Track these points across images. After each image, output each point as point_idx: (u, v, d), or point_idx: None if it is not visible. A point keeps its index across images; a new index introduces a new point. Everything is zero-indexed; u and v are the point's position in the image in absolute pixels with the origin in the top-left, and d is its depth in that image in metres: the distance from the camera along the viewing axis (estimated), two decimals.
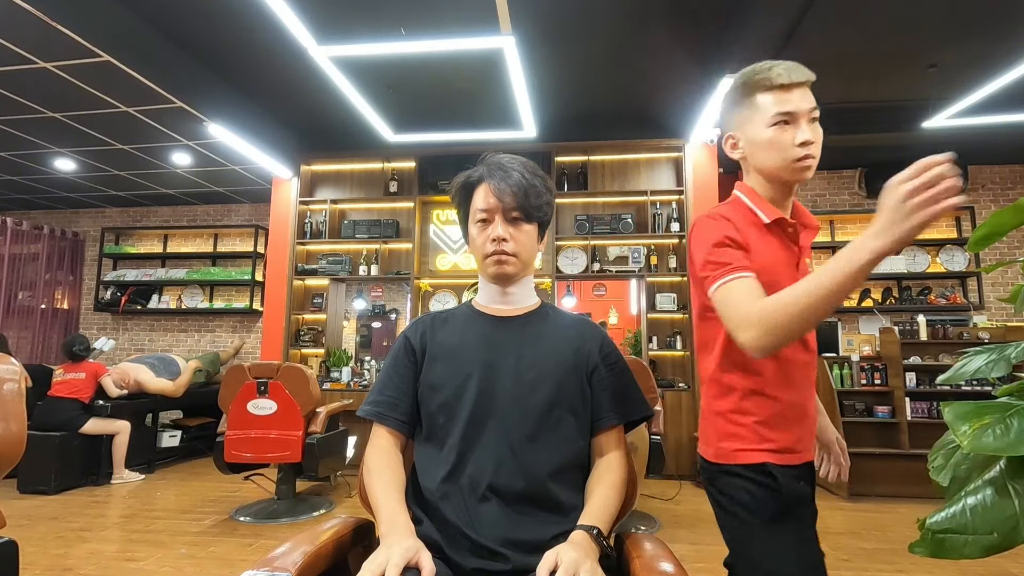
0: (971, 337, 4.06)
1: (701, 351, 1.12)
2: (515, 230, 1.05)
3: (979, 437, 0.75)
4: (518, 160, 1.08)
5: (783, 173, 1.03)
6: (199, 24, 3.28)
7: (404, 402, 1.06)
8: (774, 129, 1.02)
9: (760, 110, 1.03)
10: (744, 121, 1.06)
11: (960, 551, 0.74)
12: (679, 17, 3.20)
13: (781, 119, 1.01)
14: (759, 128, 1.04)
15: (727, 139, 1.11)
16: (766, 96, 1.03)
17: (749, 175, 1.11)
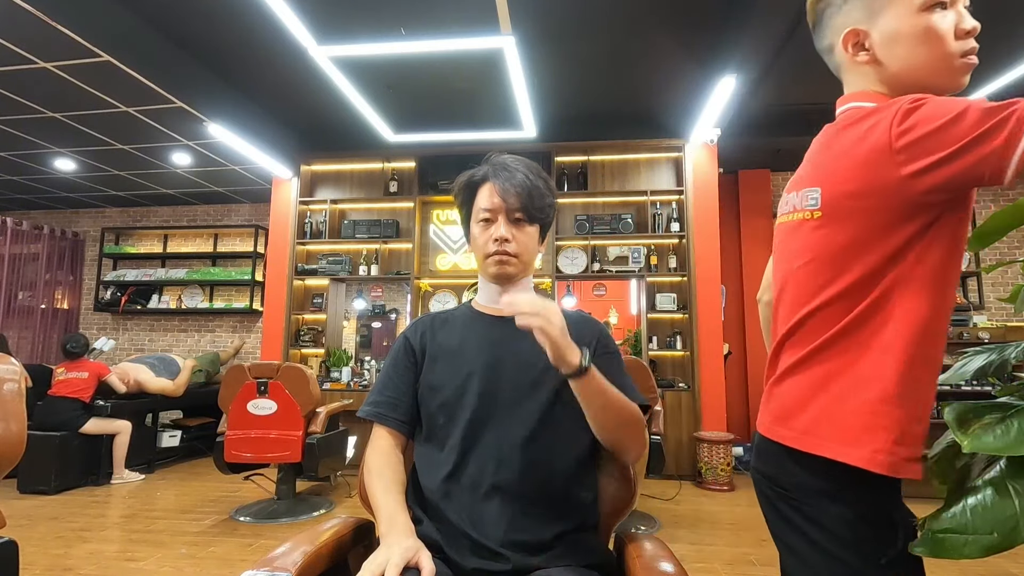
0: (971, 337, 4.06)
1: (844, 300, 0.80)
2: (517, 231, 1.05)
3: (979, 437, 0.75)
4: (522, 161, 1.08)
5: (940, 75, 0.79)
6: (199, 24, 3.28)
7: (404, 402, 1.07)
8: (926, 14, 0.78)
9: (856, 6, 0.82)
10: (878, 7, 0.81)
11: (960, 551, 0.74)
12: (679, 17, 3.20)
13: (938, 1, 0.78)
14: (904, 14, 0.79)
15: (846, 37, 0.84)
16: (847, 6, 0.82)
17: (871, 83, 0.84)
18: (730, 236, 5.26)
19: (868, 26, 0.82)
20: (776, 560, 0.89)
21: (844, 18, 0.84)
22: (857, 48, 0.83)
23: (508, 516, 0.93)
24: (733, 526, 3.18)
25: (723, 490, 3.92)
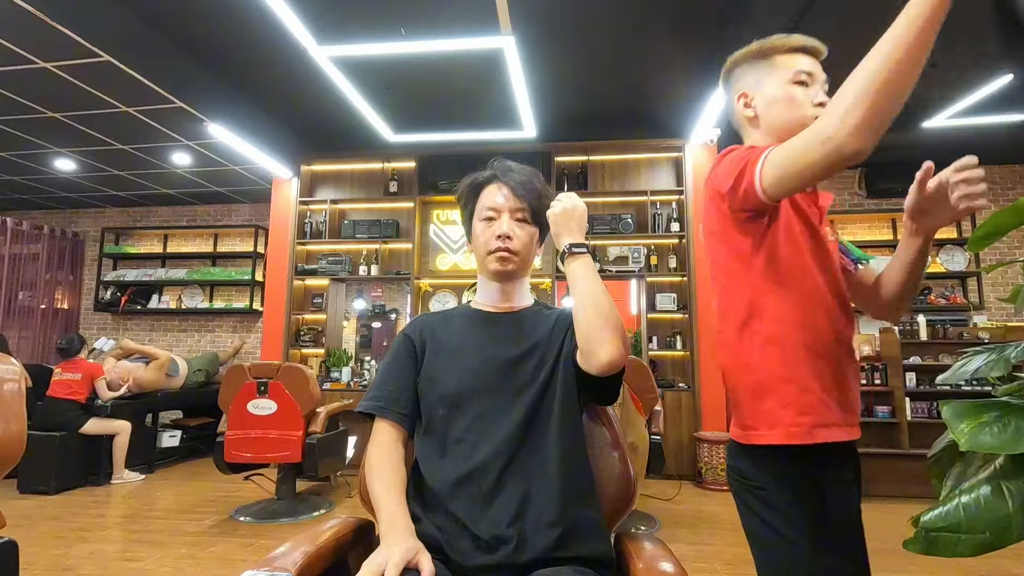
0: (971, 337, 4.06)
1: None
2: (519, 229, 1.10)
3: (977, 435, 0.75)
4: (526, 168, 1.15)
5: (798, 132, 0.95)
6: (199, 24, 3.28)
7: (404, 396, 1.07)
8: (793, 87, 1.02)
9: (780, 68, 1.04)
10: (762, 78, 1.06)
11: (953, 549, 0.74)
12: (679, 17, 3.20)
13: (802, 78, 1.02)
14: (777, 85, 1.04)
15: (740, 97, 1.09)
16: (786, 57, 1.04)
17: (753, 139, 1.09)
18: None
19: (754, 91, 1.07)
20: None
21: (740, 84, 1.10)
22: (746, 106, 1.09)
23: (508, 509, 0.93)
24: (733, 526, 3.18)
25: (723, 490, 3.93)
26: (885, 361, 4.11)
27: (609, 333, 0.95)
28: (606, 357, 0.95)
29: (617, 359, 0.96)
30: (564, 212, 1.03)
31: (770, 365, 0.96)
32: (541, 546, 0.91)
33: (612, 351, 0.95)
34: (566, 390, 1.04)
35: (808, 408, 0.93)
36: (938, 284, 5.12)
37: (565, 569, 0.89)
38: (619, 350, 0.95)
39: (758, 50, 1.07)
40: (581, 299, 0.99)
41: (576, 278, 1.01)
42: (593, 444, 1.14)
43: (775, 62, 1.06)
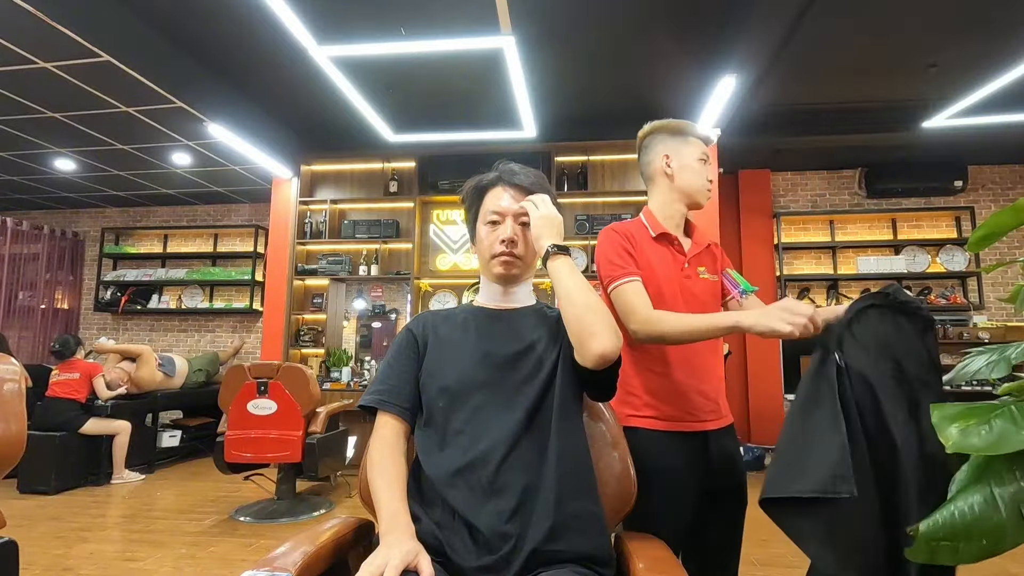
0: (971, 337, 4.07)
1: None
2: (524, 232, 1.11)
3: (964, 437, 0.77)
4: (531, 170, 1.16)
5: (696, 195, 1.40)
6: (199, 24, 3.28)
7: (406, 391, 1.07)
8: (700, 163, 1.40)
9: (694, 146, 1.41)
10: (679, 149, 1.41)
11: (955, 556, 0.76)
12: (679, 17, 3.20)
13: (704, 158, 1.42)
14: (692, 157, 1.40)
15: (664, 156, 1.42)
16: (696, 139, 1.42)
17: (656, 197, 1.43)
18: (730, 236, 5.26)
19: (674, 156, 1.41)
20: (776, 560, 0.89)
21: (662, 146, 1.42)
22: (667, 164, 1.41)
23: (507, 502, 0.93)
24: None
25: None
26: None
27: (598, 325, 0.97)
28: (598, 348, 0.96)
29: (609, 349, 0.96)
30: (544, 218, 1.07)
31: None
32: (540, 540, 0.90)
33: (604, 341, 0.96)
34: (566, 386, 1.05)
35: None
36: (938, 284, 5.12)
37: (564, 570, 0.89)
38: (611, 340, 0.97)
39: (676, 127, 1.43)
40: (567, 295, 1.02)
41: (560, 277, 1.03)
42: (593, 443, 1.14)
43: (689, 140, 1.41)
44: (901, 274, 5.06)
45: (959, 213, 5.13)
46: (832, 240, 5.22)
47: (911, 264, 5.07)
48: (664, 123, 1.44)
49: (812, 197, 5.39)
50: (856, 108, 4.27)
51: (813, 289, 5.24)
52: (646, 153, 1.45)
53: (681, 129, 1.42)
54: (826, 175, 5.39)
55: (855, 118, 4.36)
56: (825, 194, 5.38)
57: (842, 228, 5.30)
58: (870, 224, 5.27)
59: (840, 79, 3.86)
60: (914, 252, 5.10)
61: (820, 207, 5.35)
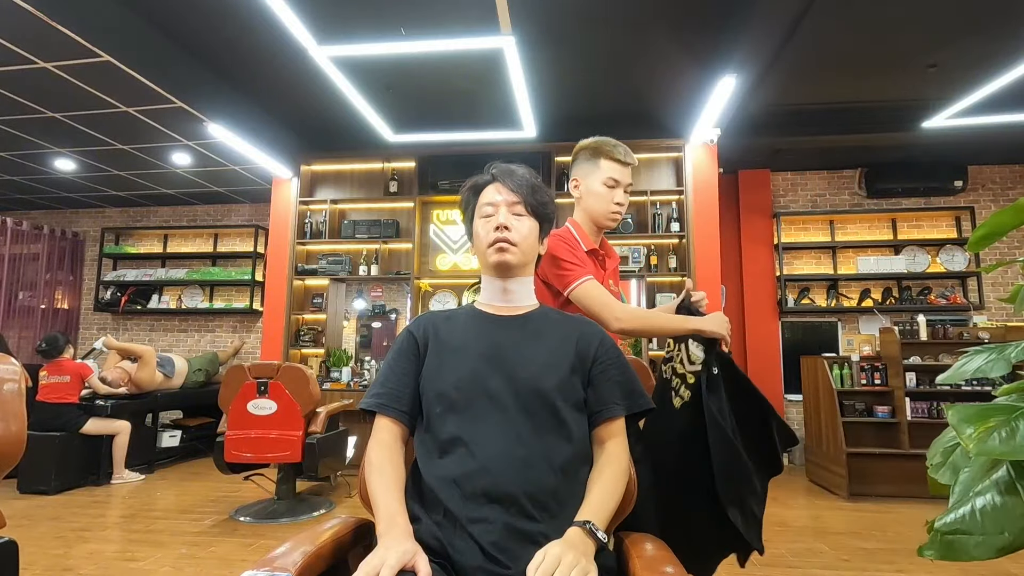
0: (971, 337, 4.06)
1: None
2: (517, 222, 1.11)
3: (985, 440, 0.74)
4: (524, 167, 1.17)
5: (600, 218, 1.50)
6: (199, 24, 3.28)
7: (406, 394, 1.07)
8: (604, 187, 1.47)
9: (601, 170, 1.47)
10: (588, 173, 1.49)
11: (970, 552, 0.73)
12: (679, 17, 3.20)
13: (610, 183, 1.47)
14: (597, 182, 1.48)
15: (573, 180, 1.52)
16: (607, 162, 1.47)
17: (578, 212, 1.53)
18: (730, 236, 5.26)
19: (582, 180, 1.51)
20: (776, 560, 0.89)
21: (575, 170, 1.53)
22: (575, 188, 1.53)
23: (508, 512, 0.93)
24: None
25: None
26: (885, 361, 4.12)
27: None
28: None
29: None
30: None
31: None
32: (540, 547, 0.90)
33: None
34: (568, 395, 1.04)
35: None
36: (938, 284, 5.12)
37: None
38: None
39: (593, 149, 1.48)
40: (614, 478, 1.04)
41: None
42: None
43: (600, 164, 1.47)
44: (901, 274, 5.06)
45: (959, 213, 5.13)
46: (832, 240, 5.22)
47: (911, 264, 5.07)
48: (583, 144, 1.51)
49: (812, 197, 5.39)
50: (856, 108, 4.27)
51: (813, 289, 5.25)
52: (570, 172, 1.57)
53: (595, 151, 1.48)
54: (826, 175, 5.39)
55: (855, 118, 4.36)
56: (825, 194, 5.38)
57: (842, 228, 5.30)
58: (870, 224, 5.27)
59: (840, 79, 3.86)
60: (914, 252, 5.10)
61: (820, 207, 5.35)
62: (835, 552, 2.75)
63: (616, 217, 1.49)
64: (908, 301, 5.03)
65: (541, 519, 0.94)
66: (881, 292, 5.14)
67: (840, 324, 5.18)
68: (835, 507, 3.61)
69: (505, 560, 0.89)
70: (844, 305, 5.11)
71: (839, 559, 2.66)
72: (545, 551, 0.84)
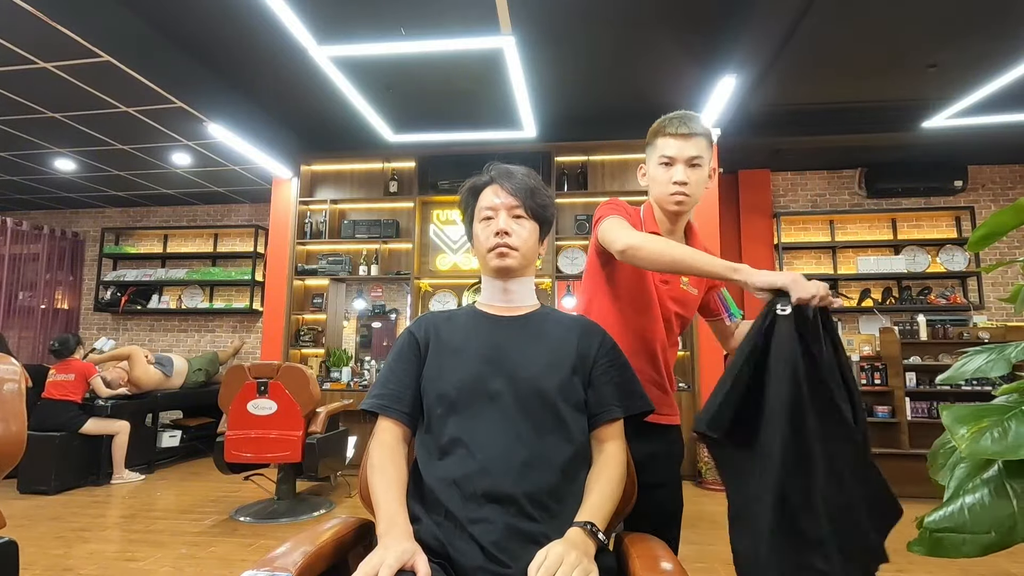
0: (971, 337, 4.06)
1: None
2: (517, 225, 1.10)
3: (977, 440, 0.75)
4: (523, 168, 1.16)
5: (662, 203, 1.33)
6: (199, 24, 3.28)
7: (407, 395, 1.07)
8: (659, 168, 1.30)
9: (656, 150, 1.31)
10: (649, 157, 1.35)
11: (959, 549, 0.74)
12: (679, 17, 3.20)
13: (664, 160, 1.29)
14: (654, 165, 1.32)
15: (640, 167, 1.39)
16: (660, 140, 1.30)
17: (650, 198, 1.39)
18: (730, 236, 5.26)
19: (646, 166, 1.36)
20: None
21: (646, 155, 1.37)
22: (642, 176, 1.38)
23: (508, 512, 0.93)
24: None
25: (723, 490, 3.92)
26: (885, 361, 4.12)
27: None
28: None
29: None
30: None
31: None
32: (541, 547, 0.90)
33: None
34: (569, 396, 1.04)
35: None
36: (938, 284, 5.12)
37: None
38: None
39: (652, 130, 1.33)
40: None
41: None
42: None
43: (655, 144, 1.32)
44: (901, 274, 5.06)
45: (959, 213, 5.13)
46: (832, 240, 5.22)
47: (911, 264, 5.06)
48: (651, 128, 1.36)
49: (812, 197, 5.39)
50: (856, 108, 4.27)
51: None
52: None
53: (653, 132, 1.32)
54: (826, 175, 5.39)
55: (855, 118, 4.36)
56: (825, 194, 5.38)
57: (842, 228, 5.30)
58: (870, 224, 5.27)
59: (840, 79, 3.86)
60: (914, 252, 5.10)
61: (820, 207, 5.35)
62: None
63: (678, 198, 1.28)
64: (908, 301, 5.03)
65: (541, 519, 0.94)
66: (881, 292, 5.14)
67: (840, 324, 5.17)
68: None
69: (506, 560, 0.89)
70: (844, 305, 5.11)
71: None
72: (547, 550, 0.85)
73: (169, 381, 4.74)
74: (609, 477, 1.02)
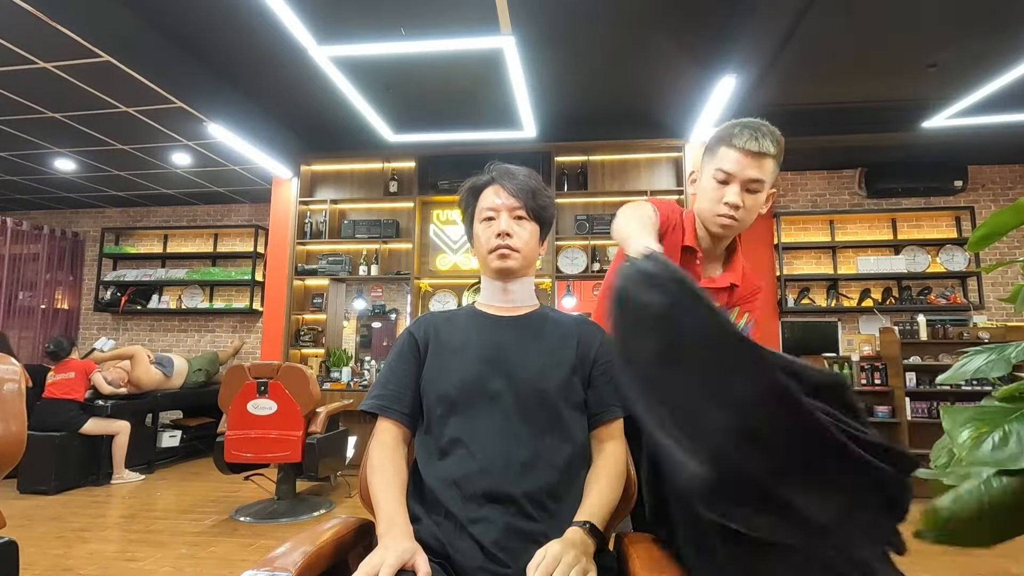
0: (971, 337, 4.06)
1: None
2: (518, 227, 1.10)
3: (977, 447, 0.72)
4: (523, 168, 1.15)
5: (705, 220, 1.21)
6: (199, 24, 3.27)
7: (407, 396, 1.07)
8: (713, 180, 1.17)
9: (716, 159, 1.16)
10: (705, 164, 1.20)
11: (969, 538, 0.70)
12: (679, 17, 3.20)
13: (721, 176, 1.15)
14: (707, 175, 1.18)
15: (691, 172, 1.28)
16: (725, 150, 1.15)
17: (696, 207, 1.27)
18: None
19: (699, 173, 1.23)
20: None
21: (702, 159, 1.23)
22: (693, 182, 1.27)
23: (507, 512, 0.93)
24: None
25: None
26: (885, 361, 4.12)
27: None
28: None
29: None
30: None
31: None
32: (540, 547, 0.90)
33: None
34: (569, 396, 1.04)
35: None
36: (938, 284, 5.12)
37: None
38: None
39: (716, 135, 1.18)
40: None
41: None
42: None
43: (716, 153, 1.17)
44: (901, 274, 5.06)
45: (959, 213, 5.12)
46: (832, 240, 5.22)
47: (911, 264, 5.06)
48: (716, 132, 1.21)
49: (812, 197, 5.39)
50: (856, 108, 4.26)
51: (813, 289, 5.24)
52: None
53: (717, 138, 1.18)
54: (826, 175, 5.39)
55: (855, 118, 4.36)
56: (825, 194, 5.38)
57: (842, 228, 5.30)
58: (870, 224, 5.27)
59: (840, 79, 3.86)
60: (914, 252, 5.10)
61: (820, 207, 5.35)
62: None
63: (723, 221, 1.16)
64: (908, 301, 5.03)
65: (541, 519, 0.94)
66: (881, 292, 5.14)
67: (840, 324, 5.17)
68: None
69: (505, 559, 0.89)
70: (844, 305, 5.11)
71: None
72: (545, 550, 0.85)
73: (169, 381, 4.74)
74: (608, 477, 1.02)
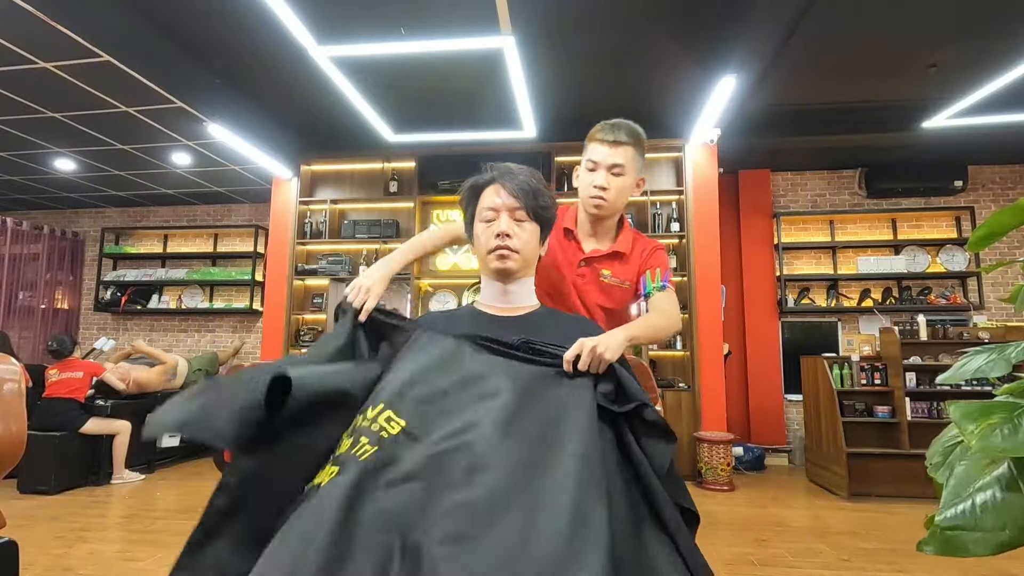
0: (971, 337, 4.06)
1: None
2: (518, 227, 1.10)
3: (987, 436, 0.74)
4: (525, 168, 1.15)
5: (584, 203, 1.41)
6: (199, 24, 3.28)
7: None
8: (586, 171, 1.39)
9: (586, 153, 1.39)
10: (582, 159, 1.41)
11: (969, 549, 0.72)
12: (679, 17, 3.20)
13: (589, 166, 1.38)
14: (583, 167, 1.40)
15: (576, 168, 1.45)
16: (590, 144, 1.39)
17: None
18: (730, 236, 5.26)
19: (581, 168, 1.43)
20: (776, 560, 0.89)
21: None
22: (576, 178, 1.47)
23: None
24: (733, 526, 3.18)
25: (723, 490, 3.92)
26: (885, 361, 4.12)
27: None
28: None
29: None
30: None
31: None
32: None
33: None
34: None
35: None
36: (938, 284, 5.12)
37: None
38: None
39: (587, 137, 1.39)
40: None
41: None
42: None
43: (586, 148, 1.39)
44: (901, 274, 5.06)
45: (959, 213, 5.13)
46: (832, 240, 5.22)
47: (911, 264, 5.06)
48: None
49: (812, 197, 5.39)
50: (856, 108, 4.27)
51: (813, 289, 5.24)
52: None
53: (587, 137, 1.41)
54: (826, 175, 5.39)
55: (855, 118, 4.36)
56: (825, 194, 5.38)
57: (842, 228, 5.30)
58: (870, 224, 5.27)
59: (840, 79, 3.86)
60: (914, 252, 5.10)
61: (820, 207, 5.35)
62: (835, 552, 2.75)
63: (595, 202, 1.36)
64: (908, 301, 5.03)
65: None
66: (881, 292, 5.14)
67: (840, 324, 5.18)
68: (835, 507, 3.61)
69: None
70: (844, 305, 5.11)
71: (839, 559, 2.66)
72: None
73: (170, 382, 4.74)
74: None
